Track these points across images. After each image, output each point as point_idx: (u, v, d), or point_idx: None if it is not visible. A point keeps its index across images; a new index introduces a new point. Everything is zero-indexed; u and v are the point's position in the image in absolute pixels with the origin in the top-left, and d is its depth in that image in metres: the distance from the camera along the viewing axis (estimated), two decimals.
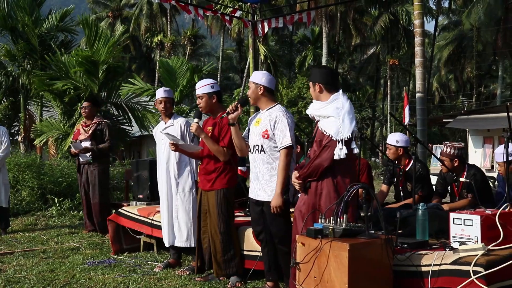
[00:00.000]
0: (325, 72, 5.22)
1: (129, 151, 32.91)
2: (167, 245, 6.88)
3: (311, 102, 5.22)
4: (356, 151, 4.95)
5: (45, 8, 19.11)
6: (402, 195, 7.31)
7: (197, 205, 6.52)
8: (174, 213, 6.74)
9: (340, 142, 4.81)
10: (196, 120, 6.14)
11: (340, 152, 4.81)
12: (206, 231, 6.21)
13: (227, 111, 5.72)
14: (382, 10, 49.22)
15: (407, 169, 7.13)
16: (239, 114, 5.72)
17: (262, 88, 5.60)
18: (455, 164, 6.66)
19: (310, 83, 5.15)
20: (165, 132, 6.54)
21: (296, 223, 5.15)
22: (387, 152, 7.30)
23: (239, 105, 5.71)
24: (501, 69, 47.95)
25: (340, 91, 5.09)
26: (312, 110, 5.13)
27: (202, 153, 6.26)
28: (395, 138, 7.17)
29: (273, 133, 5.48)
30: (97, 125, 9.29)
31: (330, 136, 4.85)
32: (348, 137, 4.82)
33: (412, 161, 6.97)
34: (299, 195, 5.26)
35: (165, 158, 6.80)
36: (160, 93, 6.91)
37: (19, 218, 11.21)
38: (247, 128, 5.84)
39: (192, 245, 6.63)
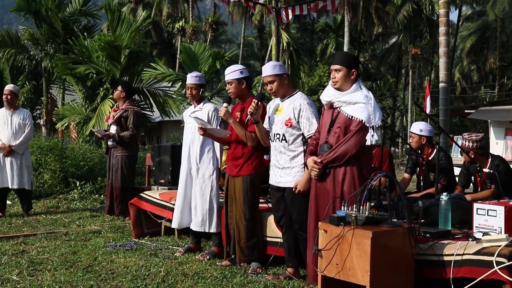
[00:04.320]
0: (358, 60, 5.25)
1: (149, 136, 33.06)
2: (174, 227, 6.98)
3: None
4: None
5: None
6: (422, 184, 7.28)
7: (218, 191, 6.57)
8: (192, 197, 6.78)
9: (372, 128, 4.83)
10: (225, 104, 6.14)
11: (372, 138, 4.82)
12: (232, 217, 6.23)
13: (249, 111, 5.72)
14: None
15: (429, 159, 7.10)
16: (261, 111, 5.76)
17: (286, 77, 5.63)
18: (472, 156, 6.63)
19: (344, 68, 5.02)
20: (194, 116, 6.56)
21: (314, 210, 5.17)
22: (410, 141, 7.27)
23: (259, 102, 5.72)
24: None
25: (359, 79, 5.11)
26: (332, 96, 5.11)
27: (230, 138, 6.27)
28: (418, 127, 7.13)
29: (297, 122, 5.49)
30: (123, 111, 9.30)
31: (362, 121, 4.86)
32: (378, 124, 4.84)
33: (435, 151, 6.96)
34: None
35: (190, 141, 6.82)
36: (188, 79, 6.92)
37: (41, 200, 11.32)
38: (267, 117, 5.85)
39: (207, 230, 6.66)
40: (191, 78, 6.87)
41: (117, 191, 9.31)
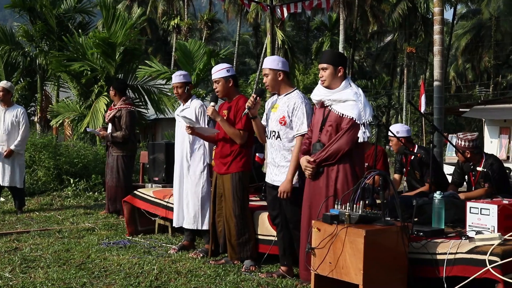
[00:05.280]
0: (345, 58, 5.26)
1: (144, 133, 32.98)
2: (175, 225, 6.94)
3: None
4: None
5: None
6: (406, 184, 7.36)
7: (209, 188, 6.56)
8: (184, 195, 6.77)
9: (363, 125, 4.84)
10: (212, 103, 6.15)
11: (364, 135, 4.84)
12: (221, 215, 6.23)
13: (247, 105, 5.70)
14: None
15: (412, 158, 7.18)
16: (259, 106, 5.74)
17: (281, 73, 5.60)
18: (468, 156, 6.64)
19: (330, 66, 5.09)
20: (182, 116, 6.56)
21: (307, 209, 5.17)
22: (390, 144, 7.35)
23: (258, 97, 5.71)
24: None
25: (349, 76, 5.13)
26: (322, 95, 5.13)
27: (217, 136, 6.26)
28: (395, 130, 7.23)
29: (291, 120, 5.49)
30: (117, 111, 9.28)
31: (353, 119, 4.89)
32: (369, 121, 4.85)
33: (416, 148, 7.08)
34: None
35: (181, 139, 6.82)
36: (173, 78, 6.92)
37: (35, 197, 11.30)
38: (265, 113, 5.83)
39: (199, 227, 6.66)
40: (175, 77, 6.87)
41: (111, 190, 9.31)
